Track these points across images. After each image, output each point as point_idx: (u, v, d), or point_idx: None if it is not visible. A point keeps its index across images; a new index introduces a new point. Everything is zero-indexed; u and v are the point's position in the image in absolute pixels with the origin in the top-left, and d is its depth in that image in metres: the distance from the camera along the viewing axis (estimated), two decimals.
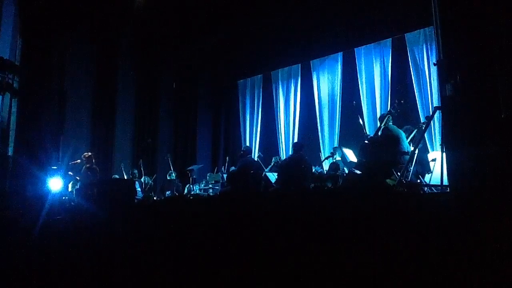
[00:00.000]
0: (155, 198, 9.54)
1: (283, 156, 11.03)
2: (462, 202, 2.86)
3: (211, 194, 9.39)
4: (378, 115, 9.11)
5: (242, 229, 3.47)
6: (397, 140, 5.65)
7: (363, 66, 10.14)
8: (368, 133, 8.25)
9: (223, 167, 11.09)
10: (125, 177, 9.54)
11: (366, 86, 10.01)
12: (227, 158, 11.23)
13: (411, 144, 6.08)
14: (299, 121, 11.43)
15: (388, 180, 5.13)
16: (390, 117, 5.95)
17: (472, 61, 3.27)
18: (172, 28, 10.81)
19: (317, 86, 11.05)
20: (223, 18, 10.09)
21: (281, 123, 11.84)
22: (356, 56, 10.26)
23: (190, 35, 11.00)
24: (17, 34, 7.84)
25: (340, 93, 10.54)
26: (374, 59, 9.94)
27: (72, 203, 7.00)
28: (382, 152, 5.53)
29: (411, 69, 9.20)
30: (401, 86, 9.40)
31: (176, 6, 9.76)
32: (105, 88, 10.64)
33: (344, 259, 2.80)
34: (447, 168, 3.50)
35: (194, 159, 12.32)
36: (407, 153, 5.58)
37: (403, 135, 5.96)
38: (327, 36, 10.17)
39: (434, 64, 3.77)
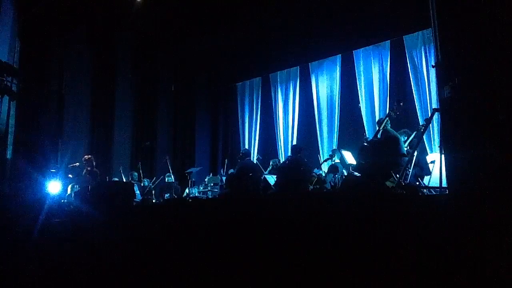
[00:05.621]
0: (154, 201, 9.51)
1: (282, 158, 11.02)
2: (461, 204, 2.86)
3: (210, 196, 9.36)
4: (377, 117, 9.13)
5: (241, 232, 3.47)
6: (397, 141, 5.65)
7: (361, 69, 10.16)
8: (367, 135, 8.27)
9: (222, 169, 11.07)
10: (124, 180, 9.50)
11: (364, 89, 10.03)
12: (226, 160, 11.20)
13: (408, 147, 6.09)
14: (297, 124, 11.42)
15: (387, 182, 5.13)
16: (389, 120, 5.96)
17: (471, 63, 3.27)
18: (170, 31, 10.82)
19: (316, 89, 11.06)
20: (222, 20, 10.10)
21: (280, 126, 11.84)
22: (354, 59, 10.28)
23: (189, 37, 11.02)
24: (16, 37, 7.84)
25: (338, 95, 10.56)
26: (372, 61, 9.97)
27: (71, 206, 6.98)
28: (381, 154, 5.52)
29: (410, 71, 9.22)
30: (399, 88, 9.42)
31: (175, 8, 9.76)
32: (104, 91, 10.63)
33: (343, 261, 2.80)
34: (446, 170, 3.49)
35: (193, 161, 12.30)
36: (406, 155, 5.59)
37: (401, 138, 5.97)
38: (326, 38, 10.16)
39: (433, 66, 3.76)
